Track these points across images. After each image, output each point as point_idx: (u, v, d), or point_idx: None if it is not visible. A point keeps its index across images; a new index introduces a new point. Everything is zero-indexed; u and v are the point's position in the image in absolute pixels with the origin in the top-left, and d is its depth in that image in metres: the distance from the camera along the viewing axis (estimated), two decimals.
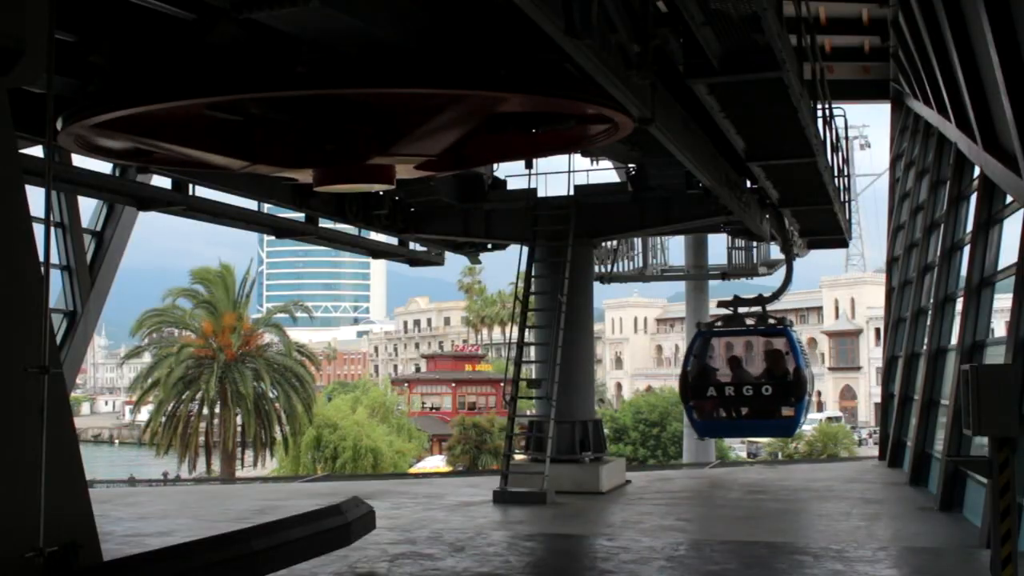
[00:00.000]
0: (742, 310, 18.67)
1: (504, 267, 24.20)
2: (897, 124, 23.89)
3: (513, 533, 12.38)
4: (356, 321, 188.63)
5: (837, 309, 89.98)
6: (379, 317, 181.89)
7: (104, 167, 13.05)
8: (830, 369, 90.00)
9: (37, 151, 10.56)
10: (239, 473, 41.28)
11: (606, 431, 19.53)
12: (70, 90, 8.70)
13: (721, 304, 19.24)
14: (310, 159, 9.40)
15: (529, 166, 15.09)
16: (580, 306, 17.01)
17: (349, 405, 50.28)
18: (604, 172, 20.61)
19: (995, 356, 13.10)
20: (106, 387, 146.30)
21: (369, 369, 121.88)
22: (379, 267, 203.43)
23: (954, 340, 15.37)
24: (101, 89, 8.43)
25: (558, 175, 17.32)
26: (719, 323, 18.72)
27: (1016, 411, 8.29)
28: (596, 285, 20.13)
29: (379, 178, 9.78)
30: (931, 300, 17.87)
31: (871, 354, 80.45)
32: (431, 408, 67.63)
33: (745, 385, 17.30)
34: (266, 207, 15.13)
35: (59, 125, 8.51)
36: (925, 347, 18.01)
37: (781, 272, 26.24)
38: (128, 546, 10.70)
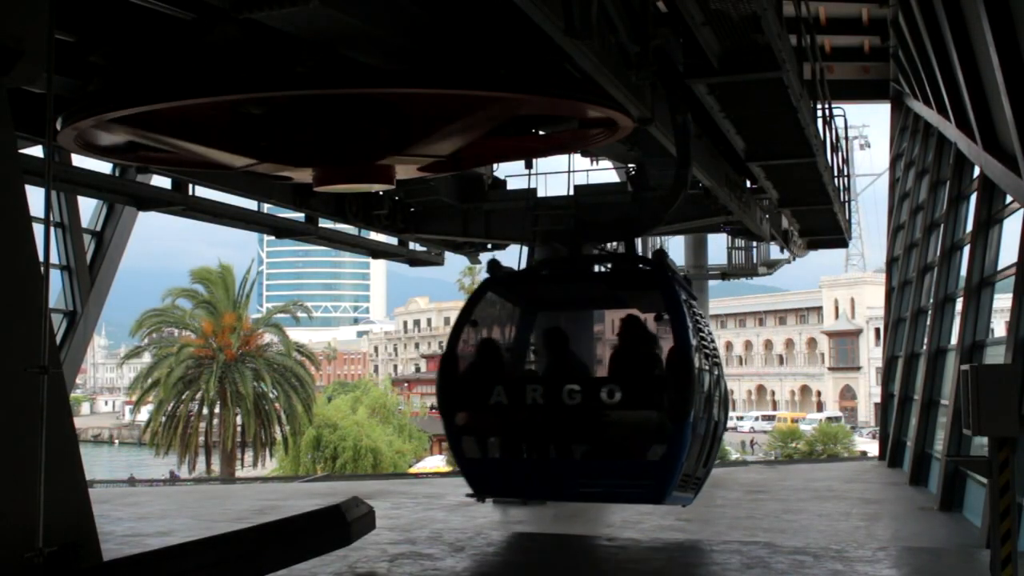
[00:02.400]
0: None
1: None
2: (897, 124, 23.92)
3: (513, 533, 12.38)
4: (356, 321, 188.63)
5: (837, 309, 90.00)
6: (379, 317, 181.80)
7: (104, 167, 13.05)
8: (830, 369, 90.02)
9: (37, 151, 10.56)
10: (239, 473, 41.28)
11: None
12: (70, 90, 8.70)
13: (549, 237, 11.10)
14: (321, 158, 9.35)
15: (529, 166, 15.09)
16: None
17: (349, 405, 50.26)
18: (604, 172, 20.58)
19: (995, 356, 13.11)
20: (106, 387, 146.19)
21: (369, 369, 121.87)
22: (379, 267, 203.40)
23: (954, 340, 15.38)
24: (102, 88, 8.42)
25: (558, 175, 17.31)
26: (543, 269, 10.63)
27: (1016, 411, 8.30)
28: None
29: (379, 178, 9.77)
30: (931, 300, 17.89)
31: (871, 354, 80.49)
32: (432, 408, 67.60)
33: (568, 386, 8.77)
34: (266, 207, 15.13)
35: (59, 125, 8.52)
36: (925, 347, 18.03)
37: (782, 272, 26.29)
38: (128, 546, 10.70)
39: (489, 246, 18.92)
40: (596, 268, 10.02)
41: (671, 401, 8.54)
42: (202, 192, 13.48)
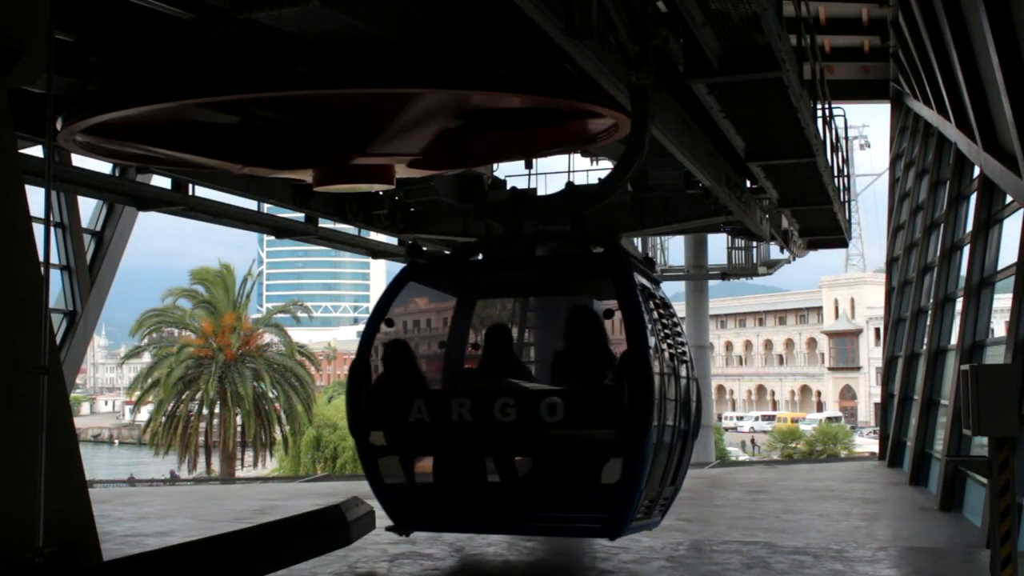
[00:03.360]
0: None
1: None
2: (897, 124, 23.93)
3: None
4: (356, 321, 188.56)
5: (837, 309, 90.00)
6: None
7: (104, 167, 13.06)
8: (830, 369, 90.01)
9: (37, 151, 10.56)
10: (239, 473, 41.27)
11: None
12: (70, 90, 8.71)
13: (483, 212, 9.63)
14: (303, 160, 9.38)
15: (529, 166, 15.10)
16: None
17: None
18: (604, 172, 20.59)
19: (995, 356, 13.11)
20: (106, 387, 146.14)
21: None
22: (379, 267, 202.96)
23: (954, 340, 15.39)
24: (100, 89, 8.43)
25: (558, 175, 17.32)
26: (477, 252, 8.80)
27: (1016, 411, 8.30)
28: None
29: (379, 178, 9.78)
30: (931, 300, 17.90)
31: (871, 354, 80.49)
32: None
33: (501, 398, 7.41)
34: (266, 207, 15.13)
35: (59, 125, 8.52)
36: (925, 347, 18.03)
37: (782, 272, 26.32)
38: (128, 546, 10.69)
39: None
40: (537, 251, 8.18)
41: (626, 417, 7.04)
42: (202, 192, 13.49)
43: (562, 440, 7.48)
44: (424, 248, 8.67)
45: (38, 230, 7.22)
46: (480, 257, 8.54)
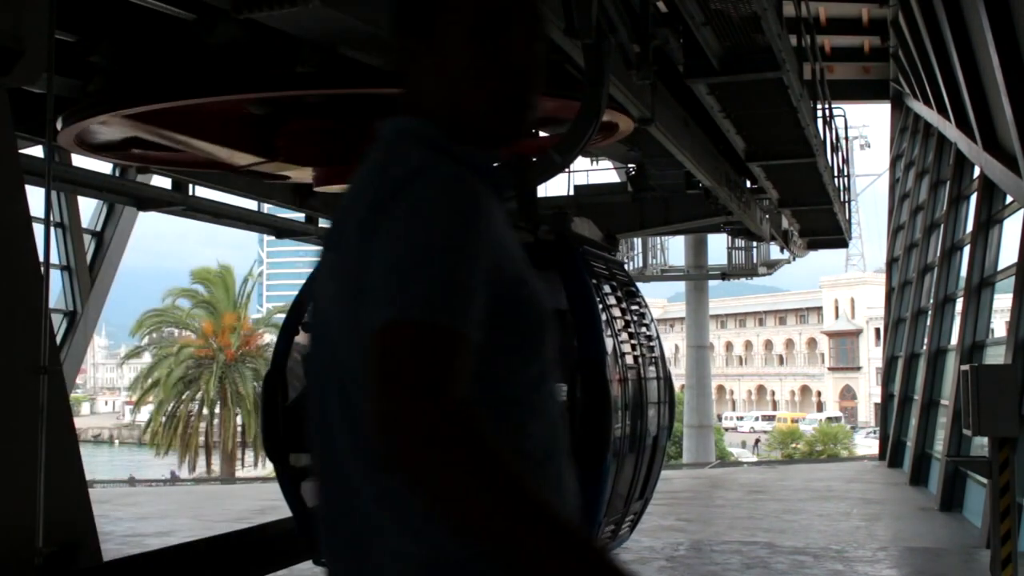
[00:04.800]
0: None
1: None
2: (897, 124, 23.93)
3: None
4: None
5: (837, 309, 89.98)
6: None
7: (104, 167, 13.05)
8: (830, 369, 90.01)
9: (37, 151, 10.56)
10: (239, 473, 41.26)
11: None
12: (70, 90, 8.71)
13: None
14: (326, 158, 9.35)
15: None
16: None
17: None
18: (604, 172, 20.60)
19: (995, 356, 13.11)
20: (106, 387, 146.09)
21: None
22: None
23: (954, 340, 15.38)
24: (104, 87, 8.43)
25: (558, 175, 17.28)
26: None
27: (1016, 411, 8.30)
28: None
29: None
30: (931, 300, 17.90)
31: (871, 354, 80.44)
32: None
33: None
34: (266, 207, 15.12)
35: (59, 125, 8.51)
36: (925, 347, 18.03)
37: (782, 272, 26.30)
38: (128, 546, 10.69)
39: None
40: None
41: (580, 439, 5.85)
42: (202, 192, 13.47)
43: None
44: None
45: (38, 230, 7.22)
46: None
